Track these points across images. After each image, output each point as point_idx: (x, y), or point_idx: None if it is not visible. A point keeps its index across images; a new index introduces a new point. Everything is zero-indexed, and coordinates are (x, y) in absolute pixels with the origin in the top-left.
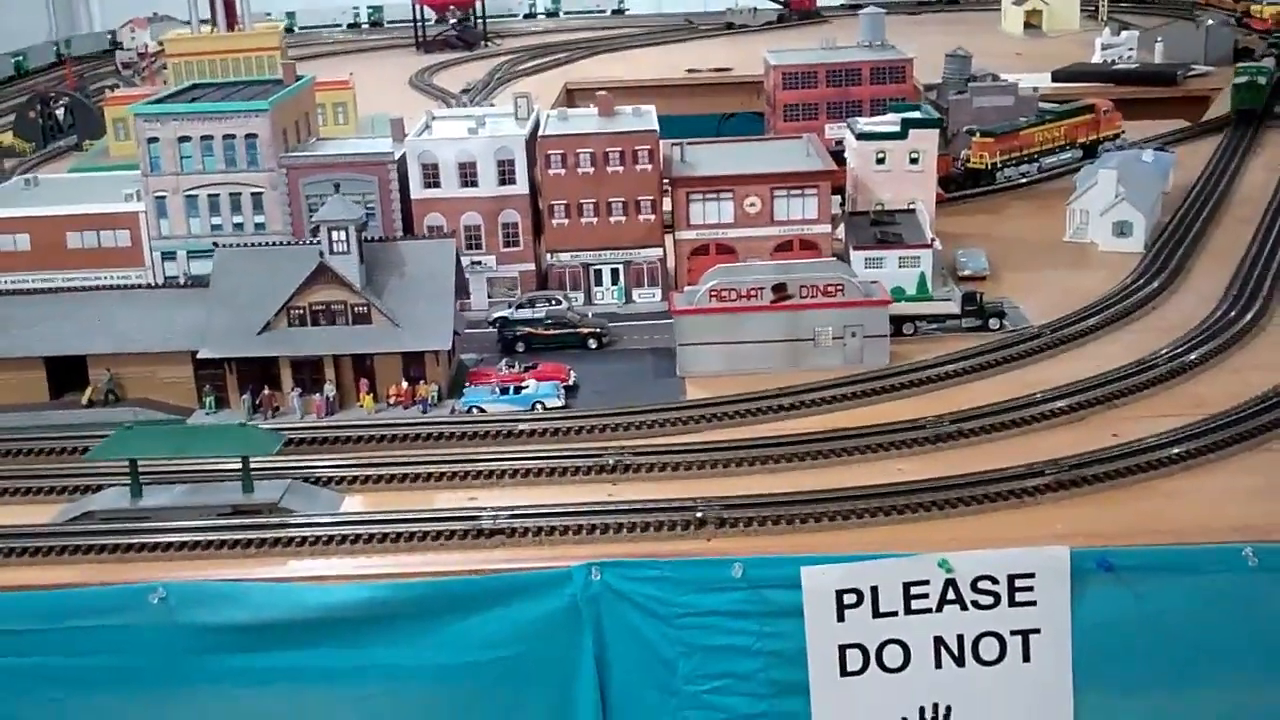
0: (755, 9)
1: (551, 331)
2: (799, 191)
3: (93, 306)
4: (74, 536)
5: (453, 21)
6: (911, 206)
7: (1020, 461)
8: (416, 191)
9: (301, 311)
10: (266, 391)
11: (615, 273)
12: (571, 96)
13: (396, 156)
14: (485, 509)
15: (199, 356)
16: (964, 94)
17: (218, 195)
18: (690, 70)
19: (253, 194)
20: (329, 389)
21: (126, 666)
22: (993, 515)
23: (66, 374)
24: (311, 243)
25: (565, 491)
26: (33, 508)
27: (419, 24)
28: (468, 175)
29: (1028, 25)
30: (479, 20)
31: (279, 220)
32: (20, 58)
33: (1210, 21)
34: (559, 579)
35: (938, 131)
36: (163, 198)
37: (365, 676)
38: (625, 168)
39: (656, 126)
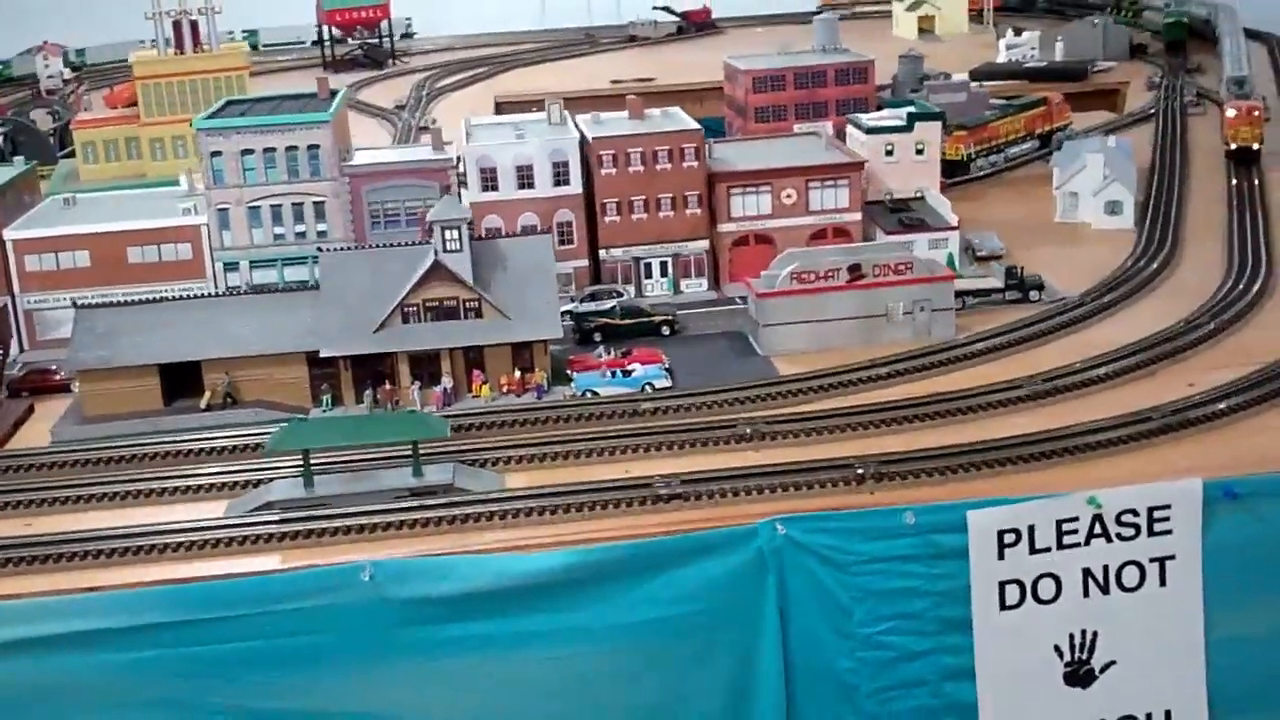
0: (656, 22)
1: (626, 321)
2: (831, 182)
3: (204, 313)
4: (263, 525)
5: (358, 41)
6: (919, 194)
7: (1115, 412)
8: (475, 194)
9: (415, 308)
10: (387, 386)
11: (664, 265)
12: (500, 108)
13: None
14: (654, 477)
15: (321, 355)
16: (919, 92)
17: (280, 205)
18: (614, 81)
19: (315, 203)
20: (446, 381)
21: (336, 643)
22: (1115, 458)
23: (178, 380)
24: (418, 243)
25: (712, 459)
26: (198, 505)
27: (325, 43)
28: (524, 178)
29: (921, 30)
30: (384, 39)
31: (341, 227)
32: None
33: (1107, 21)
34: (746, 535)
35: (940, 123)
36: (225, 209)
37: (563, 638)
38: (673, 165)
39: (699, 126)
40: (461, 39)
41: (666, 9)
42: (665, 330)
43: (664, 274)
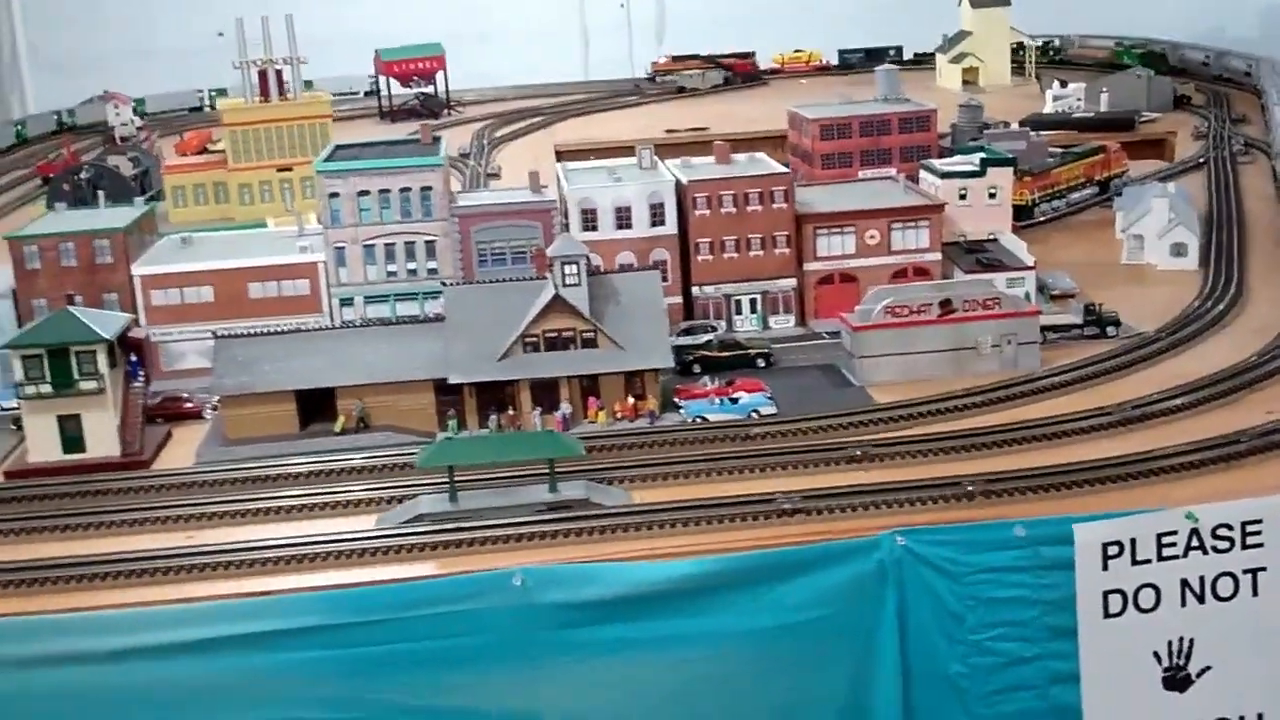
0: (704, 74)
1: (724, 353)
2: (913, 223)
3: (336, 343)
4: (417, 536)
5: (415, 91)
6: (992, 237)
7: (1199, 437)
8: (576, 234)
9: (536, 339)
10: (510, 412)
11: (754, 302)
12: (561, 156)
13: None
14: (776, 493)
15: (449, 382)
16: (979, 140)
17: (394, 244)
18: (669, 130)
19: (426, 241)
20: (565, 407)
21: (487, 645)
22: (1207, 477)
23: (312, 406)
24: (540, 278)
25: (823, 479)
26: (346, 519)
27: (383, 94)
28: (623, 218)
29: (965, 81)
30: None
31: (450, 265)
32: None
33: (1150, 73)
34: (868, 546)
35: (1012, 169)
36: (342, 248)
37: (695, 643)
38: (763, 207)
39: (787, 170)
40: (511, 89)
41: (714, 60)
42: (761, 362)
43: (753, 310)
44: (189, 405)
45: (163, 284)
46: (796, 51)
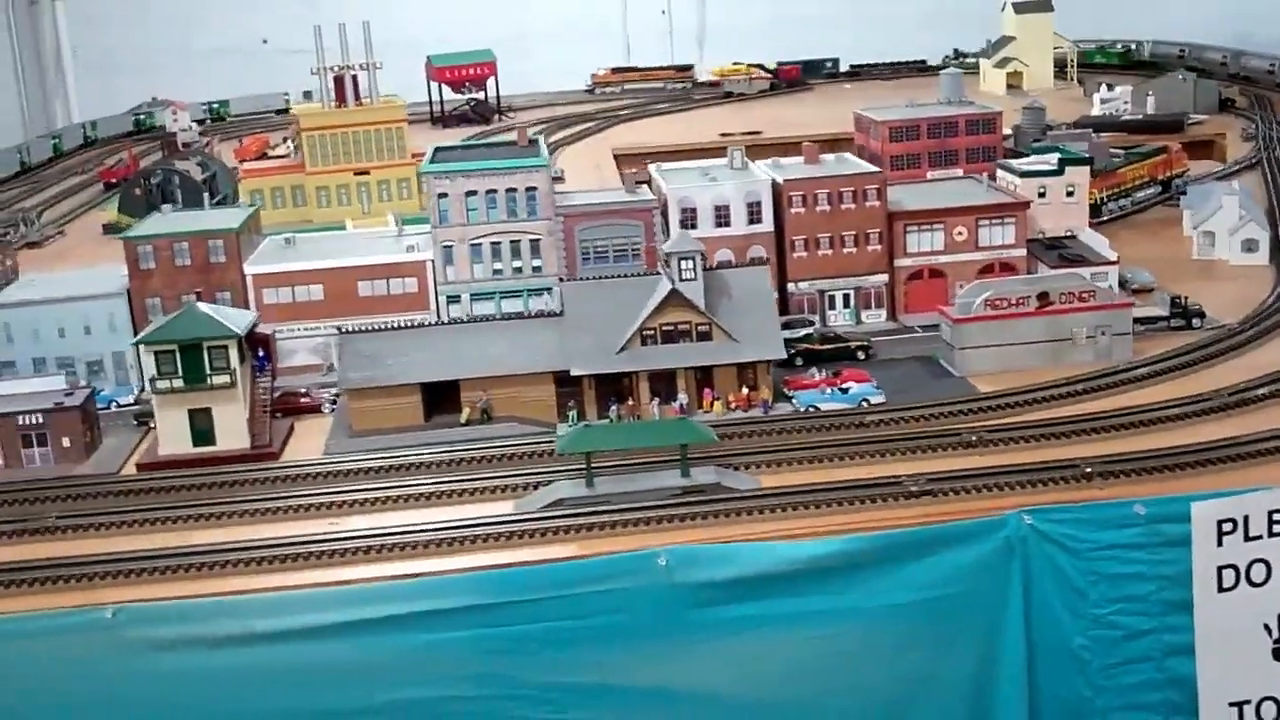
0: (751, 78)
1: (826, 346)
2: (999, 220)
3: (458, 337)
4: (560, 519)
5: (466, 96)
6: (1069, 234)
7: None
8: (676, 232)
9: (653, 332)
10: (630, 402)
11: (847, 297)
12: (619, 160)
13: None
14: (901, 476)
15: (571, 374)
16: (1042, 141)
17: (500, 243)
18: (723, 134)
19: (531, 240)
20: (682, 398)
21: (631, 623)
22: None
23: (435, 398)
24: (651, 273)
25: (940, 463)
26: (484, 504)
27: (435, 100)
28: (721, 217)
29: (1009, 85)
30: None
31: (553, 264)
32: (56, 139)
33: (1195, 76)
34: (996, 525)
35: (1089, 168)
36: (449, 246)
37: (829, 619)
38: (856, 205)
39: (879, 170)
40: (560, 95)
41: (760, 66)
42: (860, 355)
43: (846, 305)
44: (306, 400)
45: (274, 283)
46: (735, 64)
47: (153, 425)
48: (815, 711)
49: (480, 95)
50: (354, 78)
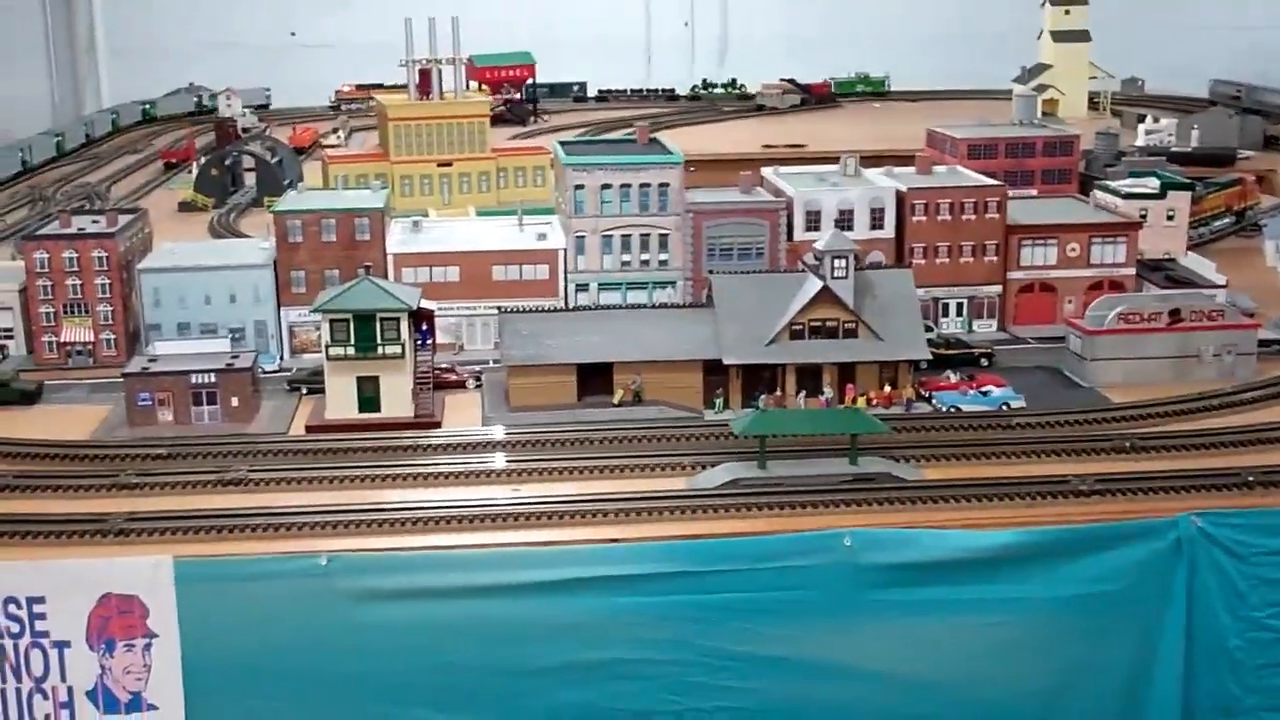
0: (782, 93)
1: (950, 351)
2: (1111, 239)
3: (612, 322)
4: (741, 496)
5: (503, 98)
6: (1168, 256)
7: None
8: (799, 234)
9: (802, 327)
10: (778, 393)
11: (960, 305)
12: None
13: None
14: (1068, 476)
15: (724, 363)
16: (1115, 166)
17: (630, 236)
18: (767, 145)
19: (660, 235)
20: (829, 392)
21: (813, 600)
22: None
23: (588, 379)
24: (800, 270)
25: (1100, 465)
26: (652, 480)
27: None
28: (844, 221)
29: (1045, 113)
30: (529, 97)
31: (680, 258)
32: (115, 116)
33: (1238, 112)
34: (1165, 526)
35: (1190, 193)
36: (582, 237)
37: (999, 607)
38: (977, 216)
39: (1001, 183)
40: (590, 105)
41: (792, 81)
42: (983, 361)
43: (959, 313)
44: (451, 376)
45: (414, 263)
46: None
47: (305, 391)
48: (977, 696)
49: (516, 96)
50: (440, 70)
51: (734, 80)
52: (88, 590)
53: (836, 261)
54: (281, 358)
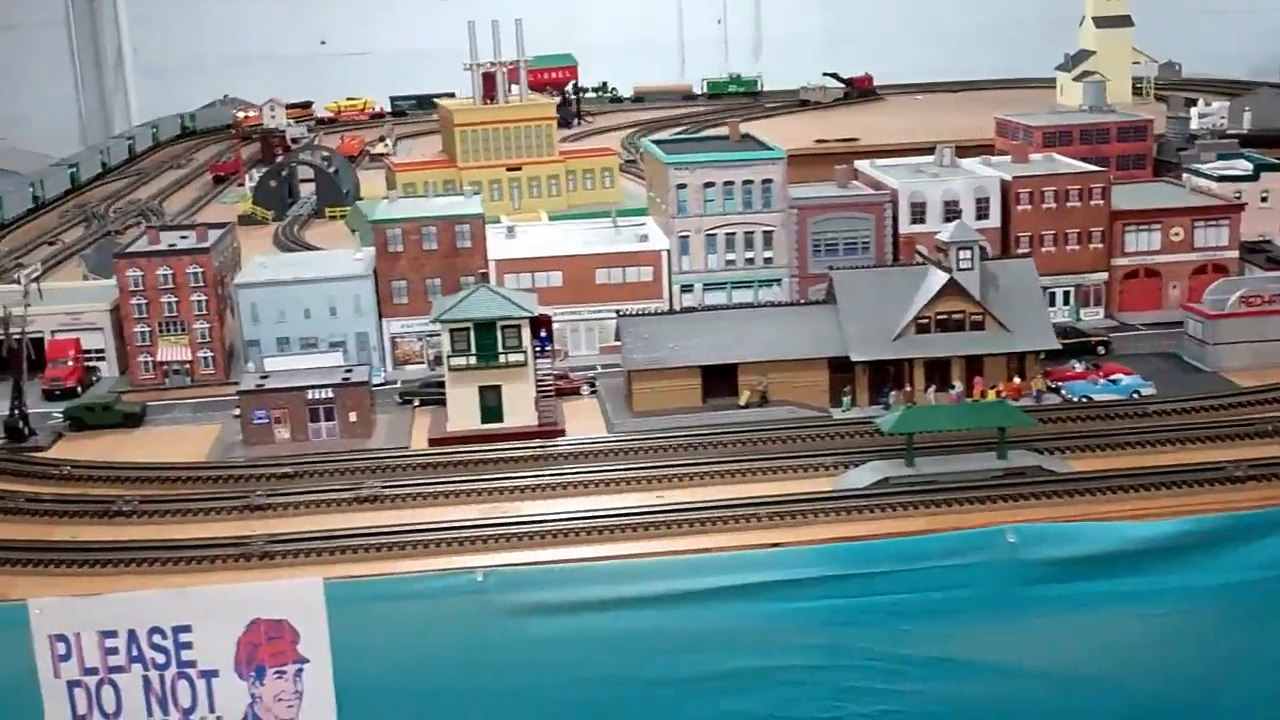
0: (825, 87)
1: (1067, 340)
2: (1214, 222)
3: (733, 323)
4: (885, 498)
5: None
6: (1263, 239)
7: None
8: (905, 226)
9: (928, 320)
10: (907, 389)
11: (1067, 294)
12: None
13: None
14: (1222, 462)
15: (851, 360)
16: (1188, 150)
17: (734, 234)
18: (819, 140)
19: (764, 232)
20: (958, 386)
21: (974, 599)
22: None
23: (711, 381)
24: (918, 263)
25: (1251, 450)
26: (797, 482)
27: None
28: (951, 212)
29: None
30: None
31: (785, 255)
32: (155, 130)
33: None
34: None
35: None
36: (686, 237)
37: (1160, 598)
38: (1081, 203)
39: (1104, 170)
40: (628, 106)
41: (835, 75)
42: (1100, 350)
43: (1066, 302)
44: (564, 382)
45: (517, 268)
46: (350, 99)
47: (417, 403)
48: (1139, 688)
49: (559, 98)
50: (504, 75)
51: (604, 84)
52: (235, 616)
53: (962, 253)
54: (385, 370)
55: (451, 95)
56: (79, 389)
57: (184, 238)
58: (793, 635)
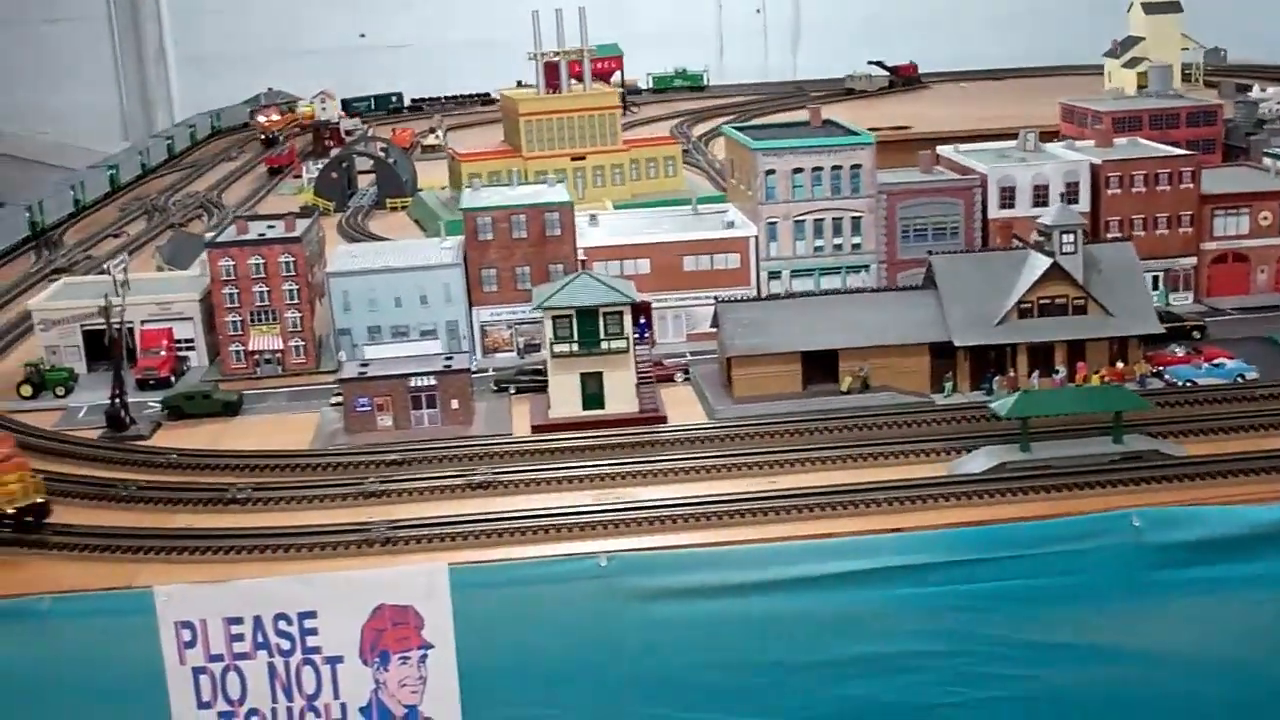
0: (871, 76)
1: (1167, 324)
2: None
3: (833, 308)
4: (1003, 482)
5: None
6: None
7: None
8: (993, 211)
9: (1030, 305)
10: (1010, 374)
11: (1156, 279)
12: None
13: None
14: None
15: (955, 345)
16: (1257, 135)
17: (823, 220)
18: (872, 129)
19: (853, 218)
20: (1061, 370)
21: (1098, 583)
22: None
23: (810, 367)
24: (1018, 247)
25: None
26: (907, 468)
27: None
28: (1040, 196)
29: (1140, 86)
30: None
31: (873, 240)
32: (217, 120)
33: None
34: None
35: None
36: (774, 223)
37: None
38: (1171, 187)
39: (1193, 153)
40: (674, 91)
41: (879, 64)
42: (1195, 334)
43: (1155, 286)
44: (659, 369)
45: (605, 256)
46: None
47: (513, 390)
48: (1263, 672)
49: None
50: (570, 64)
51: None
52: (360, 602)
53: (1065, 236)
54: (475, 358)
55: (459, 97)
56: (172, 378)
57: (271, 227)
58: (916, 620)
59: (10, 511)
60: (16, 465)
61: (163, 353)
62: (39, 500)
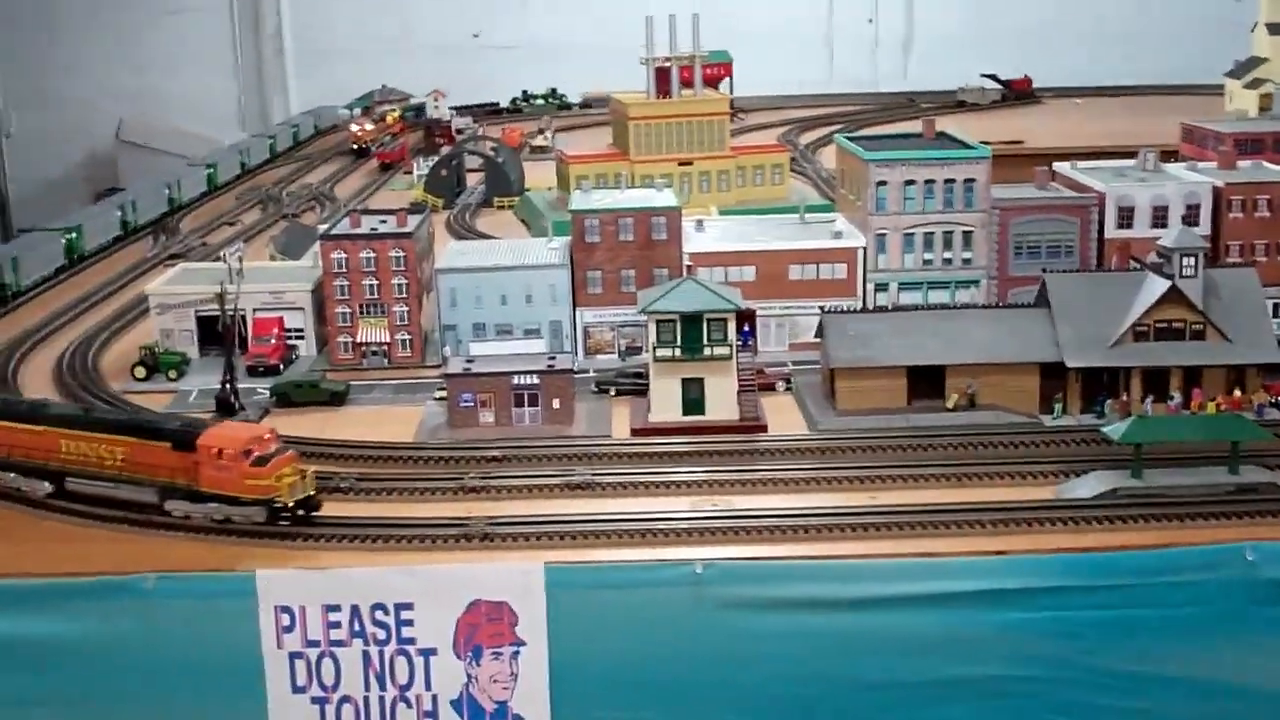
0: (984, 88)
1: None
2: None
3: (941, 323)
4: (1113, 509)
5: None
6: None
7: None
8: (1109, 231)
9: (1147, 328)
10: (1124, 398)
11: (1277, 305)
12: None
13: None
14: None
15: (1067, 366)
16: None
17: (933, 233)
18: (983, 143)
19: (964, 232)
20: (1177, 397)
21: (1205, 616)
22: None
23: (916, 382)
24: (1135, 268)
25: None
26: (1013, 490)
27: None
28: (1159, 217)
29: (1261, 108)
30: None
31: (984, 256)
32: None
33: None
34: None
35: None
36: (884, 235)
37: None
38: None
39: None
40: (784, 99)
41: (993, 76)
42: None
43: (1276, 314)
44: (760, 377)
45: (711, 262)
46: None
47: (613, 392)
48: None
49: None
50: (681, 69)
51: (554, 90)
52: (457, 596)
53: (1186, 259)
54: (577, 359)
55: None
56: (281, 366)
57: (383, 221)
58: (1017, 646)
59: (290, 504)
60: (290, 458)
61: (273, 341)
62: (312, 493)
